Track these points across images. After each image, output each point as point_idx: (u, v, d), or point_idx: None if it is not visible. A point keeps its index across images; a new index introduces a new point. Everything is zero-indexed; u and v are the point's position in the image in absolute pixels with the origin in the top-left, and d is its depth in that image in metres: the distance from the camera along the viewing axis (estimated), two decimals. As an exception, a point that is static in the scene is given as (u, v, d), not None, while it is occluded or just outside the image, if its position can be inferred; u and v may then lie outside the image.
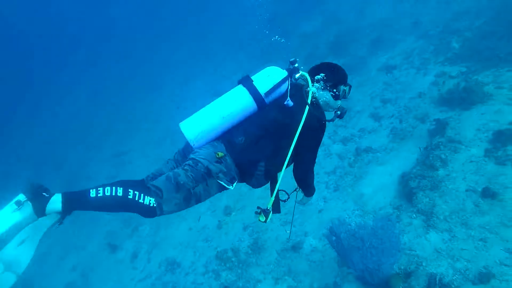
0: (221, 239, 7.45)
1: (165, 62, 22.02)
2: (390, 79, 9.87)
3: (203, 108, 2.26)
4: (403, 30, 12.20)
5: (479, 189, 4.91)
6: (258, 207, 2.21)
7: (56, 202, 1.84)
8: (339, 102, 2.49)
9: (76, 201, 1.87)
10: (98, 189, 1.90)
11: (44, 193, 1.84)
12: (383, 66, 10.74)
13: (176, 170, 2.12)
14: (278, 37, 2.92)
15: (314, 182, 2.59)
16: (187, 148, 2.36)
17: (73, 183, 14.26)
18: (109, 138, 17.01)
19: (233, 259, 6.68)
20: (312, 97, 2.29)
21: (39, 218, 1.85)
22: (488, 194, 4.76)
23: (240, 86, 2.26)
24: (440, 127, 6.48)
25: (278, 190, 2.30)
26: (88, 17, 32.89)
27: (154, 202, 1.97)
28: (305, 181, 2.51)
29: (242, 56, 17.39)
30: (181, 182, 2.03)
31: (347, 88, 2.46)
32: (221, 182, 2.10)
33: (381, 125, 8.17)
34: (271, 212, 2.19)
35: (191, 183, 2.05)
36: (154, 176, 2.35)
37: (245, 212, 7.74)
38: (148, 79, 20.96)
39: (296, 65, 2.29)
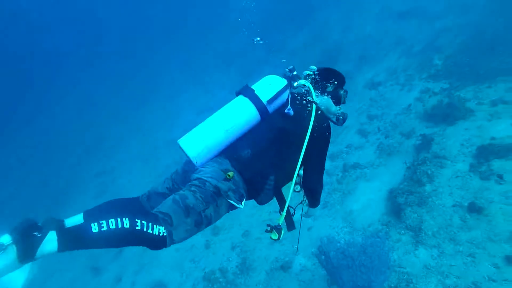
0: (209, 259, 7.32)
1: (155, 75, 22.17)
2: (376, 95, 10.08)
3: (203, 122, 2.11)
4: (387, 47, 12.56)
5: (466, 204, 4.99)
6: (268, 225, 2.08)
7: (51, 242, 1.52)
8: (339, 107, 2.46)
9: (75, 240, 1.58)
10: (101, 222, 1.62)
11: (36, 233, 1.51)
12: (369, 82, 10.98)
13: (182, 192, 1.93)
14: (259, 39, 2.86)
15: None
16: (187, 167, 2.21)
17: (64, 195, 14.10)
18: (98, 151, 16.92)
19: (220, 279, 6.56)
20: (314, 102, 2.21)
21: (26, 265, 1.52)
22: (474, 209, 4.84)
23: (241, 97, 2.16)
24: (426, 142, 6.61)
25: (284, 204, 2.16)
26: (78, 31, 32.85)
27: (164, 231, 1.76)
28: (315, 190, 2.40)
29: (232, 71, 17.63)
30: (191, 205, 1.85)
31: (345, 93, 2.45)
32: (231, 201, 1.96)
33: (368, 141, 8.29)
34: (283, 228, 2.07)
35: (201, 205, 1.88)
36: (150, 195, 2.22)
37: (233, 231, 7.65)
38: (138, 93, 21.04)
39: (295, 72, 2.25)
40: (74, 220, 1.95)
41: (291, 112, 2.08)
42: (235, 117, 2.07)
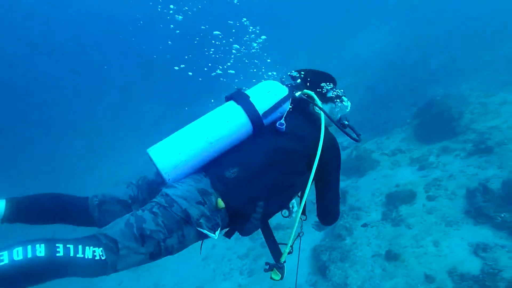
0: None
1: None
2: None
3: (182, 130, 1.79)
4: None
5: (383, 253, 5.36)
6: (267, 263, 1.83)
7: None
8: (339, 114, 2.27)
9: None
10: (1, 253, 1.20)
11: None
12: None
13: (140, 213, 1.56)
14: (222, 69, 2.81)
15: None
16: (157, 177, 1.88)
17: None
18: None
19: None
20: (319, 114, 1.95)
21: None
22: (391, 256, 5.22)
23: (232, 103, 1.84)
24: (341, 195, 7.11)
25: (272, 237, 1.95)
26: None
27: (102, 254, 1.39)
28: (334, 214, 2.15)
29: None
30: (147, 233, 1.49)
31: (342, 92, 2.28)
32: (203, 231, 1.59)
33: (288, 199, 8.61)
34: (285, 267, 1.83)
35: (162, 234, 1.52)
36: (104, 200, 1.84)
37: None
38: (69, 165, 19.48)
39: (299, 81, 2.06)
40: None
41: (283, 128, 1.82)
42: (222, 127, 1.77)
